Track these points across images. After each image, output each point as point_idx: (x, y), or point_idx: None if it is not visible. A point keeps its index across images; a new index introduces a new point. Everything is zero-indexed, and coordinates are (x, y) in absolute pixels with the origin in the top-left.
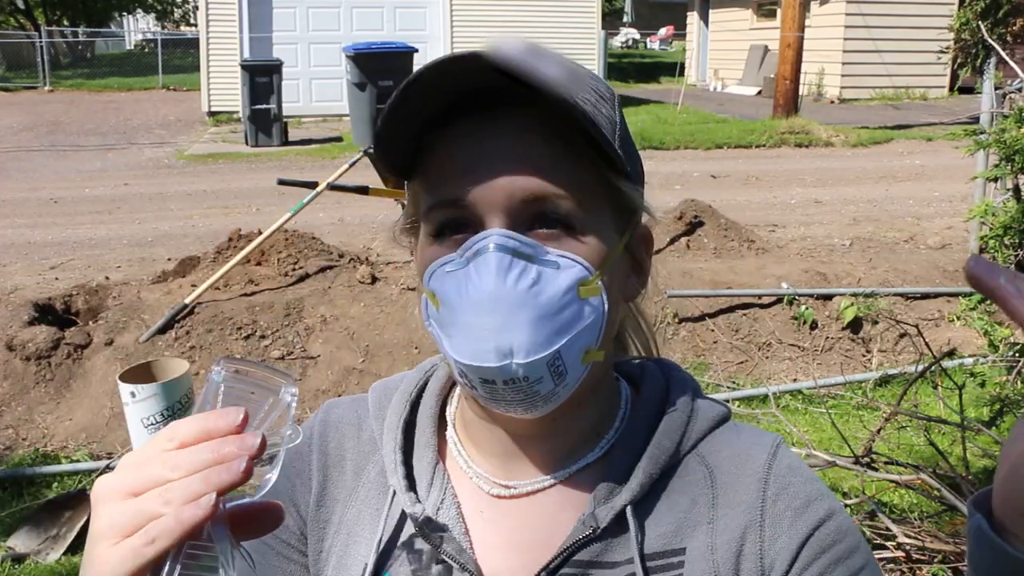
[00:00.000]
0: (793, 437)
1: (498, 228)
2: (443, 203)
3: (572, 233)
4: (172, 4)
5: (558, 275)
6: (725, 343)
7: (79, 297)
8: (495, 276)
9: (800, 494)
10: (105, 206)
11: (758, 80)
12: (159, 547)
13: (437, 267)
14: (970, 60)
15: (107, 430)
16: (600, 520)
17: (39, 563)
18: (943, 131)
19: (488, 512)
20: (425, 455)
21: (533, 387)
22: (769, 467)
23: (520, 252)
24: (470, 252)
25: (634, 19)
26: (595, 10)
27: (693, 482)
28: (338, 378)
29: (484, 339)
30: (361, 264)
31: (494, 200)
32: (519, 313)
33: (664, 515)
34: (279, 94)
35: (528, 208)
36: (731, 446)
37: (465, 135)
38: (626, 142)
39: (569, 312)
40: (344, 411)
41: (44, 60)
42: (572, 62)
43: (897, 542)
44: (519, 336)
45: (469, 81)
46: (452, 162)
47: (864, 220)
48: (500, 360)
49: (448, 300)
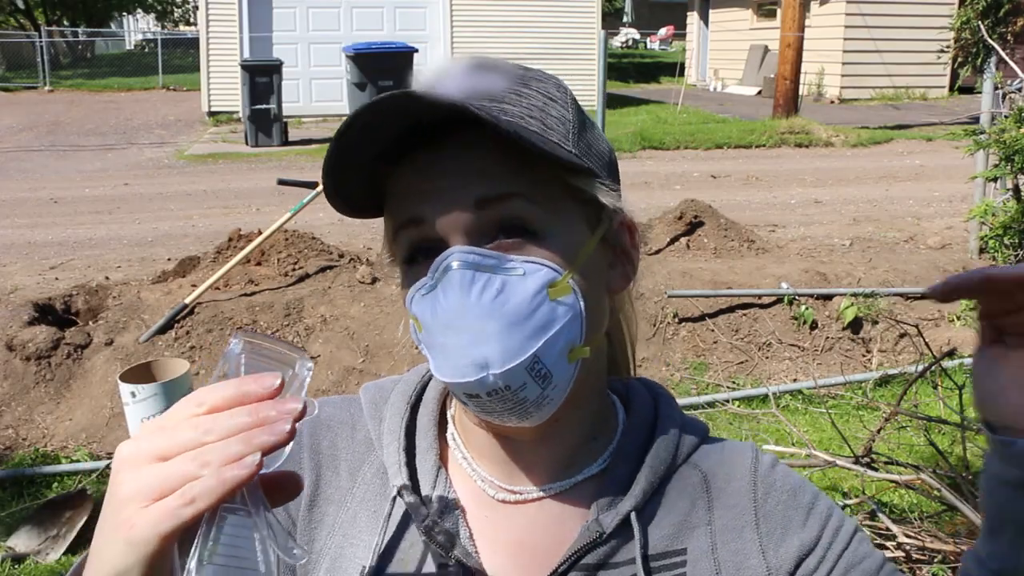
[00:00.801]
0: (793, 437)
1: (456, 246)
2: (403, 225)
3: (534, 238)
4: (172, 4)
5: (524, 281)
6: (725, 343)
7: (79, 297)
8: (459, 292)
9: (785, 486)
10: (105, 206)
11: (758, 80)
12: (199, 507)
13: (415, 292)
14: (970, 59)
15: (107, 430)
16: (605, 526)
17: (39, 563)
18: (943, 131)
19: (493, 516)
20: (428, 458)
21: (518, 395)
22: (755, 469)
23: (481, 265)
24: (438, 273)
25: (634, 19)
26: (595, 10)
27: (690, 488)
28: (338, 378)
29: (460, 356)
30: (361, 264)
31: (450, 217)
32: (487, 324)
33: (664, 519)
34: (279, 94)
35: (484, 217)
36: (719, 454)
37: (416, 161)
38: (584, 137)
39: (541, 315)
40: (335, 410)
41: (44, 60)
42: (518, 69)
43: (897, 542)
44: (491, 347)
45: (410, 118)
46: (403, 189)
47: (864, 220)
48: (478, 373)
49: (425, 323)
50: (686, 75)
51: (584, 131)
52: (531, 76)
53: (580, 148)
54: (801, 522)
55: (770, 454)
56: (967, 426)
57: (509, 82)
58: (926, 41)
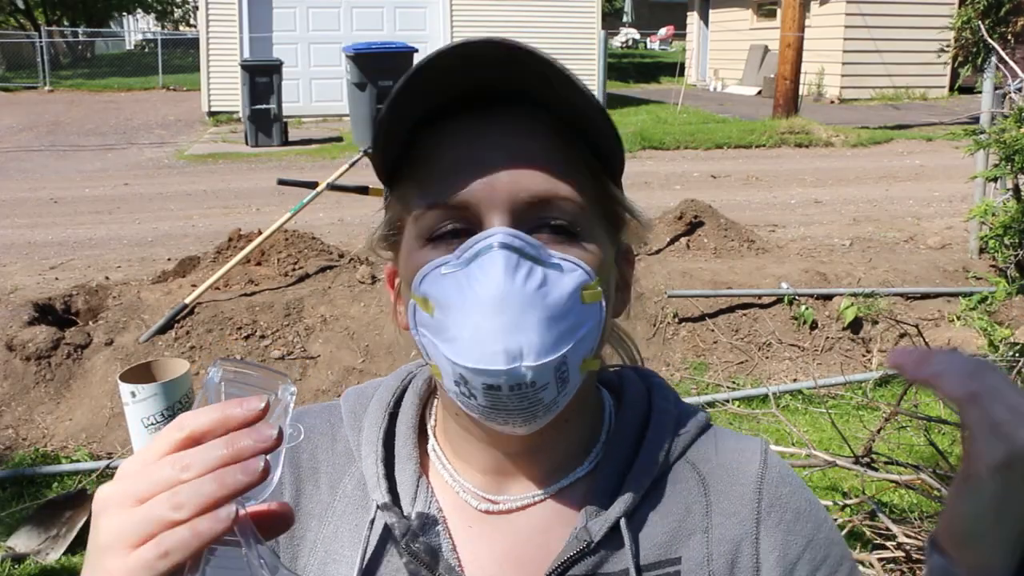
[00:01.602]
0: (793, 437)
1: (503, 228)
2: (439, 204)
3: (573, 238)
4: (172, 4)
5: (563, 278)
6: (725, 343)
7: (79, 297)
8: (503, 275)
9: (791, 506)
10: (105, 206)
11: (758, 80)
12: (174, 560)
13: (431, 269)
14: (970, 59)
15: (107, 430)
16: (593, 534)
17: (39, 563)
18: (943, 131)
19: (477, 527)
20: (407, 467)
21: (538, 394)
22: (761, 478)
23: (526, 252)
24: (470, 252)
25: (634, 19)
26: (595, 10)
27: (686, 490)
28: (338, 378)
29: (492, 341)
30: (361, 264)
31: (496, 199)
32: (529, 313)
33: (657, 524)
34: (279, 94)
35: (532, 210)
36: (720, 454)
37: (460, 132)
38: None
39: (574, 316)
40: (315, 420)
41: (44, 60)
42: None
43: (897, 542)
44: (530, 337)
45: (465, 81)
46: (448, 161)
47: (864, 220)
48: (509, 363)
49: (447, 303)
50: (686, 75)
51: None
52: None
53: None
54: (798, 553)
55: (779, 458)
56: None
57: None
58: (926, 41)
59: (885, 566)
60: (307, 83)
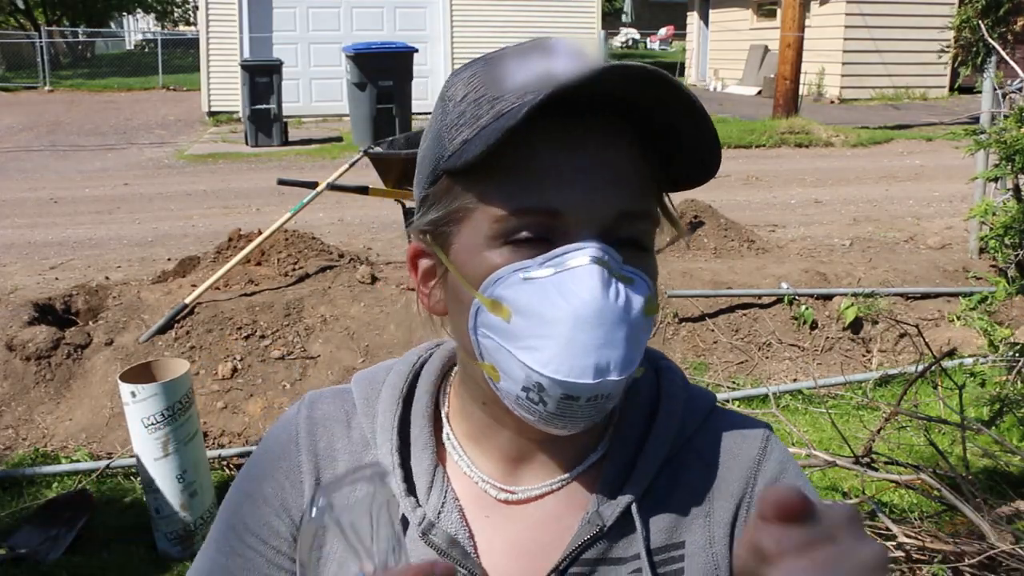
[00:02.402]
0: (793, 437)
1: (594, 241)
2: (529, 209)
3: (643, 252)
4: (172, 4)
5: (635, 292)
6: (725, 343)
7: (79, 297)
8: (601, 290)
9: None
10: (105, 206)
11: (758, 80)
12: None
13: (509, 273)
14: (970, 59)
15: (107, 430)
16: (606, 518)
17: (39, 563)
18: (943, 131)
19: (493, 516)
20: (424, 457)
21: (607, 404)
22: (759, 462)
23: (612, 268)
24: (557, 261)
25: (634, 19)
26: (595, 10)
27: (689, 475)
28: (338, 378)
29: (585, 355)
30: (361, 264)
31: (590, 214)
32: (619, 329)
33: (663, 509)
34: (279, 94)
35: (617, 225)
36: (724, 437)
37: (556, 137)
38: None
39: (645, 330)
40: (330, 407)
41: (44, 60)
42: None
43: (897, 542)
44: (618, 352)
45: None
46: (539, 169)
47: (864, 220)
48: (597, 377)
49: (530, 311)
50: (686, 75)
51: None
52: None
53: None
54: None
55: (782, 446)
56: (967, 426)
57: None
58: (926, 41)
59: None
60: (307, 83)
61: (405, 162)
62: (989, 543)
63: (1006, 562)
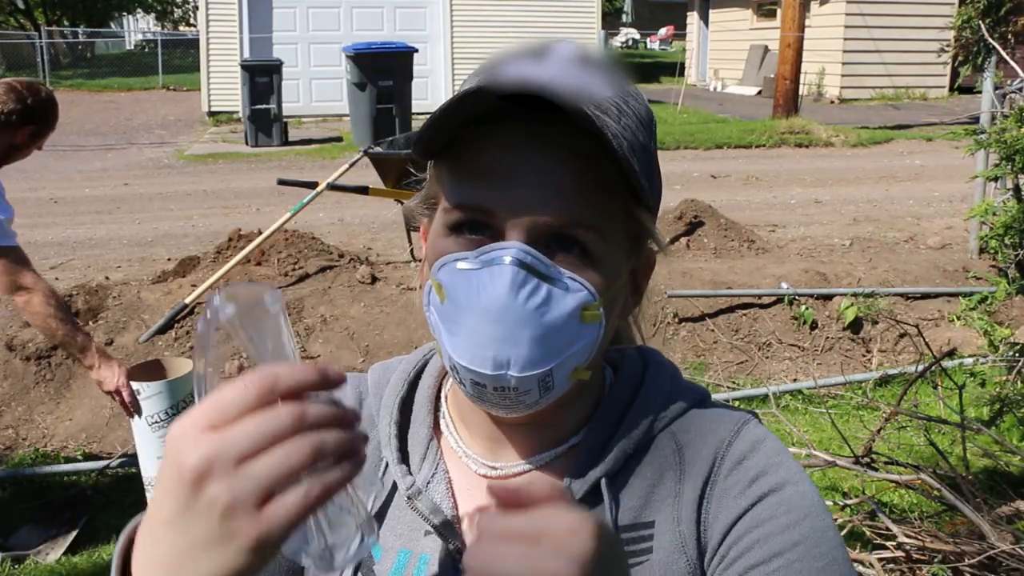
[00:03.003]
0: (793, 437)
1: (519, 243)
2: (468, 206)
3: (587, 260)
4: (172, 4)
5: (566, 297)
6: (725, 343)
7: (79, 297)
8: (508, 289)
9: (752, 468)
10: (105, 206)
11: (758, 80)
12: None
13: (449, 261)
14: (970, 59)
15: (107, 430)
16: (575, 492)
17: (39, 563)
18: (943, 131)
19: (475, 490)
20: (420, 431)
21: (520, 397)
22: (729, 443)
23: (536, 270)
24: (485, 258)
25: (634, 19)
26: (595, 10)
27: (662, 457)
28: None
29: (484, 346)
30: (361, 264)
31: (518, 216)
32: (523, 330)
33: (635, 489)
34: (279, 94)
35: (551, 230)
36: (701, 424)
37: (504, 144)
38: (653, 170)
39: (568, 332)
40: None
41: (44, 60)
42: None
43: (897, 542)
44: (519, 351)
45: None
46: (485, 167)
47: (864, 220)
48: (495, 369)
49: (455, 298)
50: (686, 75)
51: (654, 165)
52: (630, 92)
53: (649, 182)
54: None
55: (763, 433)
56: (967, 426)
57: (613, 91)
58: (926, 41)
59: (885, 566)
60: (307, 83)
61: (405, 162)
62: (989, 543)
63: (1006, 562)
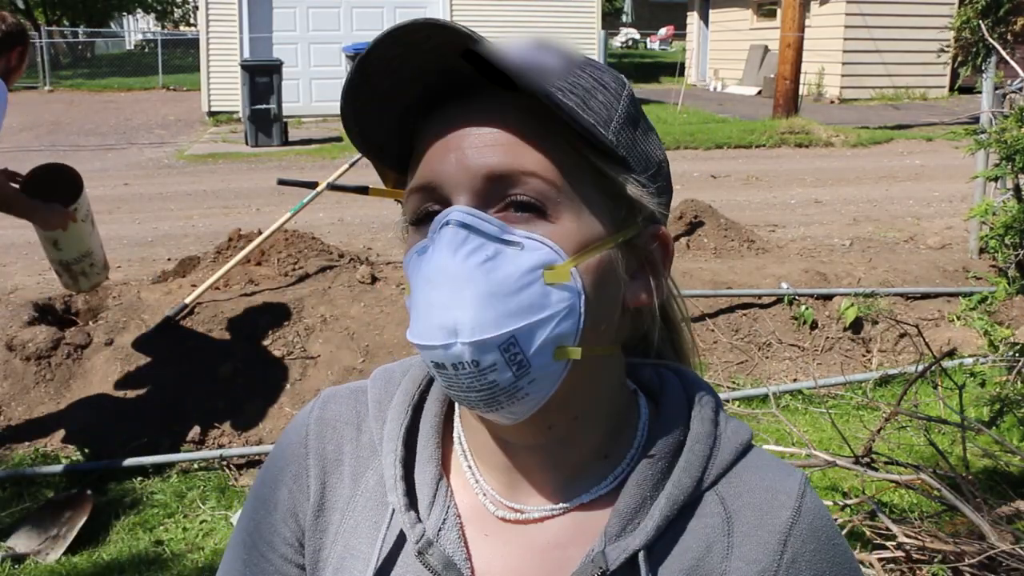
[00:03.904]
0: (793, 437)
1: (459, 206)
2: (414, 188)
3: (543, 216)
4: (172, 4)
5: (520, 255)
6: (725, 343)
7: (79, 297)
8: (445, 250)
9: (815, 561)
10: (105, 206)
11: (758, 80)
12: None
13: (412, 253)
14: (970, 59)
15: (107, 430)
16: (610, 561)
17: (39, 563)
18: (943, 131)
19: (493, 535)
20: (427, 469)
21: (487, 376)
22: (791, 527)
23: (478, 229)
24: (432, 232)
25: (634, 19)
26: (595, 10)
27: (710, 526)
28: (338, 378)
29: (431, 317)
30: (361, 264)
31: (458, 179)
32: (465, 288)
33: (676, 560)
34: (279, 94)
35: (494, 188)
36: (753, 492)
37: (441, 118)
38: (629, 131)
39: (529, 295)
40: (342, 408)
41: (44, 60)
42: (581, 57)
43: (897, 542)
44: (464, 313)
45: (441, 63)
46: (426, 146)
47: (864, 220)
48: (445, 339)
49: (411, 283)
50: (686, 75)
51: (631, 126)
52: (590, 63)
53: (619, 138)
54: None
55: (814, 502)
56: (967, 426)
57: (564, 63)
58: (926, 41)
59: (885, 566)
60: (307, 83)
61: None
62: (989, 543)
63: (1006, 562)
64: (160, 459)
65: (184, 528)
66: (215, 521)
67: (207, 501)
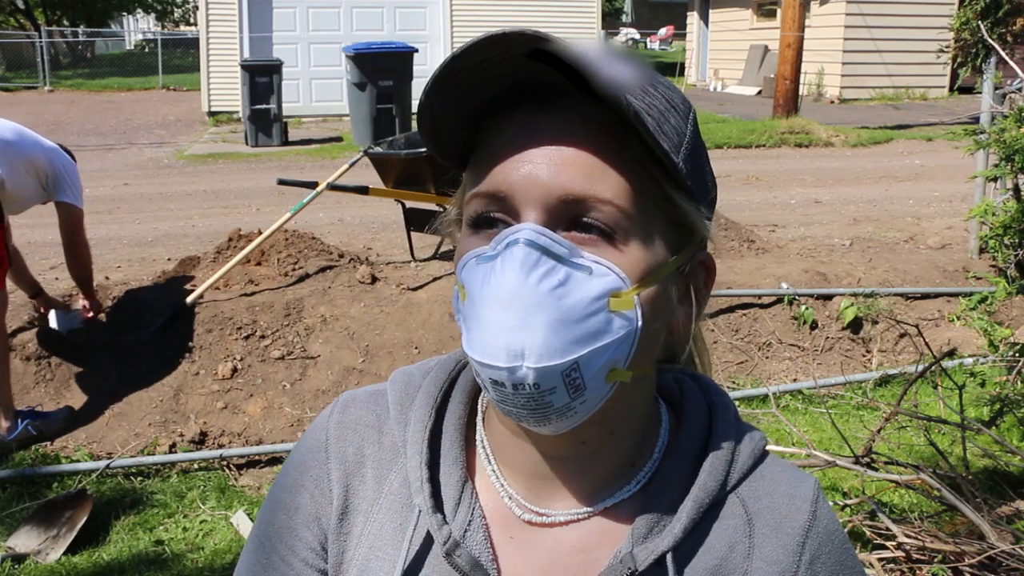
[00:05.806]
0: (793, 437)
1: (531, 224)
2: (482, 193)
3: (611, 241)
4: (172, 4)
5: (589, 281)
6: (725, 343)
7: (79, 297)
8: (518, 271)
9: (830, 563)
10: (105, 206)
11: (758, 80)
12: None
13: (470, 258)
14: (970, 59)
15: (107, 430)
16: (639, 562)
17: (39, 563)
18: (943, 131)
19: (518, 538)
20: (453, 472)
21: (545, 397)
22: (808, 529)
23: (550, 251)
24: (501, 246)
25: (634, 19)
26: (595, 10)
27: (732, 528)
28: (338, 378)
29: (496, 336)
30: (361, 264)
31: (531, 195)
32: (537, 313)
33: (700, 560)
34: (279, 94)
35: (567, 209)
36: (772, 495)
37: (517, 124)
38: (695, 160)
39: (595, 322)
40: (362, 411)
41: (44, 60)
42: (650, 69)
43: (897, 542)
44: (533, 338)
45: (518, 67)
46: (499, 151)
47: (864, 220)
48: (510, 361)
49: (472, 292)
50: (686, 75)
51: (696, 153)
52: (660, 79)
53: (687, 166)
54: None
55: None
56: (967, 426)
57: (640, 75)
58: (926, 41)
59: (885, 566)
60: (307, 83)
61: (405, 162)
62: (989, 543)
63: (1006, 562)
64: (160, 459)
65: (184, 528)
66: (215, 521)
67: (207, 501)
